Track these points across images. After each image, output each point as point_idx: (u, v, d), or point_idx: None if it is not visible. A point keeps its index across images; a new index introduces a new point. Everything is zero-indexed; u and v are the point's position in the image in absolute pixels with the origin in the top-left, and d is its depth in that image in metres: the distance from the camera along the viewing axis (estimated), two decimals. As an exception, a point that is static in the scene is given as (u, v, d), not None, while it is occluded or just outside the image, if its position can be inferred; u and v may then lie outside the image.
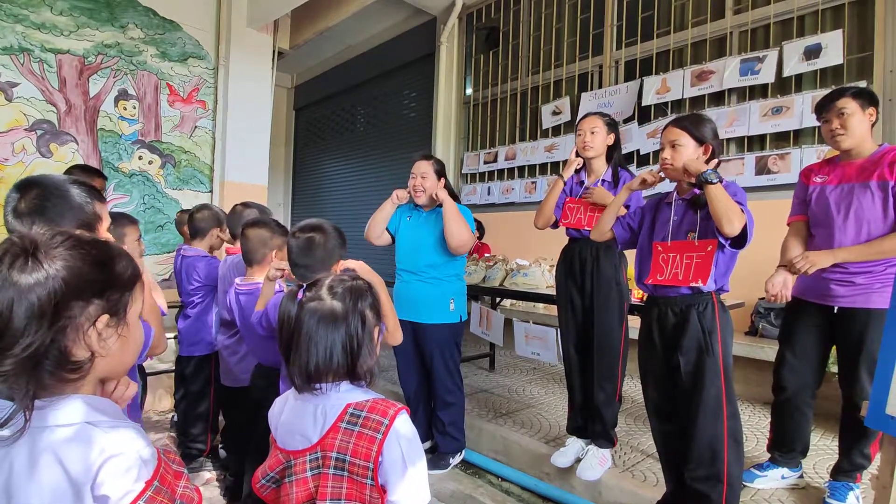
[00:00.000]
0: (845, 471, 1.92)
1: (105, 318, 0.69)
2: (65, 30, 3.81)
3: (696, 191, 1.67)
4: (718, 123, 2.97)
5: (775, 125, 3.27)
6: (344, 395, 1.05)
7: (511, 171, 4.96)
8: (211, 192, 4.55)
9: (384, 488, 1.01)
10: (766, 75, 3.31)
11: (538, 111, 4.75)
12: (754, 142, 3.43)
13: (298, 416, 1.06)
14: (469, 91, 5.47)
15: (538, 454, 2.42)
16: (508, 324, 3.16)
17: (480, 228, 4.65)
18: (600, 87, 4.31)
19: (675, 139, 1.72)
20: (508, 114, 5.07)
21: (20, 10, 3.63)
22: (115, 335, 0.71)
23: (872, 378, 1.33)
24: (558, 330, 2.45)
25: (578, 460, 2.24)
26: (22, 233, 0.67)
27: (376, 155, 6.63)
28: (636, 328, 1.95)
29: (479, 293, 3.50)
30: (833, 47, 3.06)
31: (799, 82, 3.26)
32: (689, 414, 1.68)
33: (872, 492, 1.43)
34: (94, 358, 0.69)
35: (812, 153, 3.10)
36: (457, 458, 2.58)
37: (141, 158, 4.21)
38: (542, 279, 3.23)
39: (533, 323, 2.96)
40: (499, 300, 3.66)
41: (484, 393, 3.29)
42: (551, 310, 3.16)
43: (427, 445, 2.61)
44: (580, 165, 2.29)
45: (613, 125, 2.25)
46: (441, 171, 2.54)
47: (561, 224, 2.32)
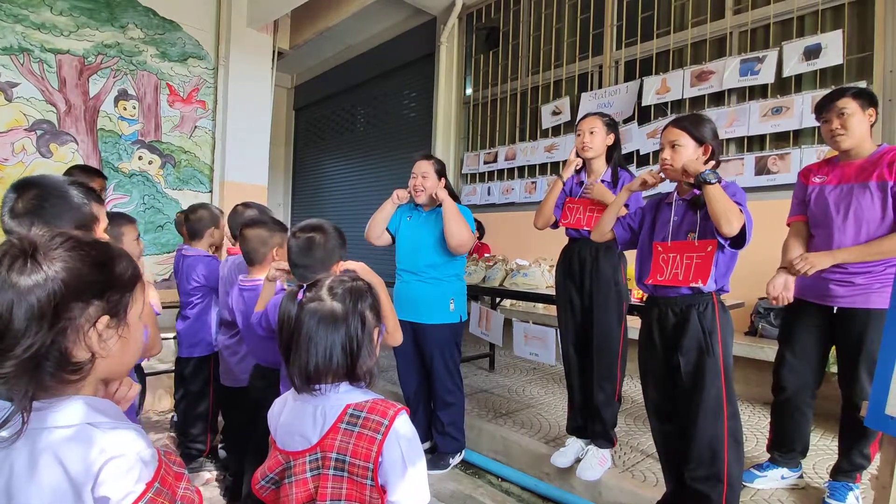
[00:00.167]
0: (845, 471, 1.93)
1: (105, 319, 0.69)
2: (65, 30, 3.81)
3: (696, 191, 1.67)
4: (718, 123, 2.97)
5: (775, 125, 3.27)
6: (343, 395, 1.05)
7: (511, 171, 4.96)
8: (211, 192, 4.55)
9: (384, 489, 1.01)
10: (766, 75, 3.31)
11: (538, 111, 4.75)
12: (754, 142, 3.43)
13: (298, 416, 1.06)
14: (469, 91, 5.47)
15: (538, 454, 2.42)
16: (508, 324, 3.16)
17: (480, 228, 4.65)
18: (600, 87, 4.30)
19: (675, 139, 1.72)
20: (508, 114, 5.07)
21: (20, 10, 3.63)
22: (115, 336, 0.71)
23: (872, 378, 1.33)
24: (558, 330, 2.45)
25: (578, 460, 2.24)
26: (21, 234, 0.67)
27: (376, 155, 6.62)
28: (636, 328, 1.95)
29: (478, 293, 3.50)
30: (833, 47, 3.06)
31: (799, 82, 3.26)
32: (690, 414, 1.68)
33: (872, 492, 1.43)
34: (95, 359, 0.69)
35: (812, 153, 3.10)
36: (457, 459, 2.58)
37: (141, 158, 4.21)
38: (542, 279, 3.23)
39: (532, 323, 2.96)
40: (499, 300, 3.66)
41: (484, 393, 3.29)
42: (551, 310, 3.16)
43: (427, 446, 2.61)
44: (580, 166, 2.29)
45: (613, 125, 2.25)
46: (441, 171, 2.55)
47: (561, 224, 2.32)
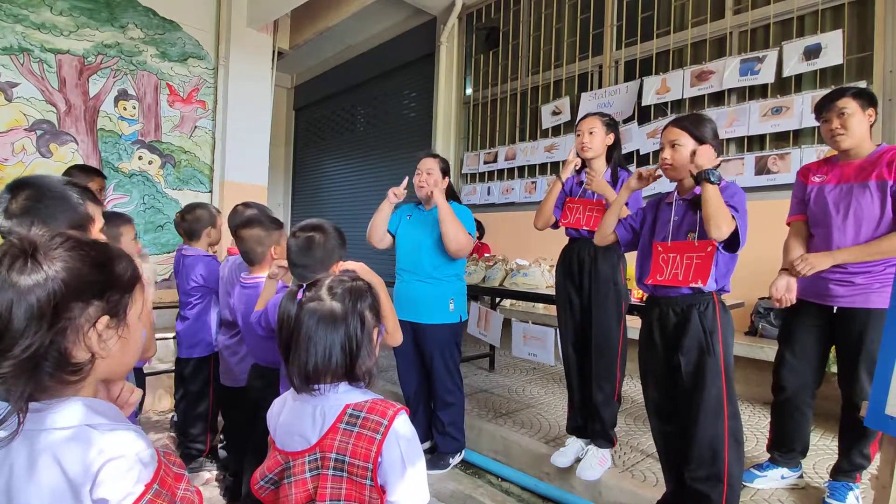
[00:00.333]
0: (845, 471, 1.93)
1: (105, 319, 0.69)
2: (65, 30, 3.81)
3: (697, 190, 1.67)
4: (718, 123, 2.95)
5: (775, 125, 3.27)
6: (343, 395, 1.05)
7: (511, 171, 4.96)
8: (211, 192, 4.55)
9: (383, 489, 1.01)
10: (766, 75, 3.31)
11: (538, 111, 4.74)
12: (754, 142, 3.43)
13: (297, 416, 1.06)
14: (469, 91, 5.47)
15: (538, 454, 2.42)
16: (507, 324, 3.16)
17: (480, 228, 4.64)
18: (600, 87, 4.30)
19: (675, 139, 1.72)
20: (508, 114, 5.07)
21: (20, 10, 3.62)
22: (115, 336, 0.71)
23: (872, 378, 1.33)
24: (557, 330, 2.45)
25: (578, 460, 2.24)
26: (21, 234, 0.67)
27: (376, 155, 6.62)
28: (636, 328, 1.95)
29: (478, 293, 3.50)
30: (833, 47, 3.06)
31: (799, 82, 3.26)
32: (690, 414, 1.68)
33: (872, 492, 1.43)
34: (94, 359, 0.69)
35: (812, 153, 3.10)
36: (457, 459, 2.58)
37: (141, 158, 4.21)
38: (542, 279, 3.23)
39: (532, 323, 2.96)
40: (498, 300, 3.66)
41: (484, 393, 3.29)
42: (551, 310, 3.15)
43: (427, 446, 2.62)
44: (578, 165, 2.29)
45: (613, 125, 2.25)
46: (446, 170, 2.58)
47: (561, 224, 2.32)
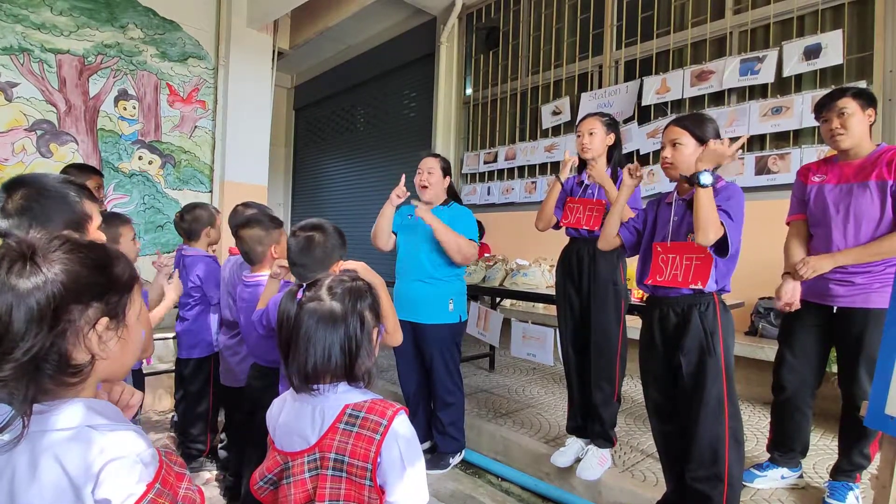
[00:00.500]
0: (845, 471, 1.93)
1: (105, 320, 0.69)
2: (65, 30, 3.81)
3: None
4: (718, 123, 2.96)
5: (775, 125, 3.27)
6: (342, 395, 1.05)
7: (511, 171, 4.96)
8: (211, 192, 4.56)
9: (383, 489, 1.01)
10: (766, 75, 3.30)
11: (538, 111, 4.74)
12: (754, 142, 3.43)
13: (297, 417, 1.06)
14: (469, 91, 5.47)
15: (538, 454, 2.42)
16: (507, 324, 3.16)
17: (480, 228, 4.64)
18: (600, 87, 4.30)
19: (676, 138, 1.72)
20: (508, 114, 5.06)
21: (20, 10, 3.63)
22: (114, 337, 0.71)
23: (872, 378, 1.33)
24: (557, 330, 2.45)
25: (578, 460, 2.24)
26: (20, 237, 0.67)
27: (376, 155, 6.62)
28: (636, 328, 1.95)
29: (478, 293, 3.50)
30: (833, 47, 3.05)
31: (799, 82, 3.25)
32: (691, 414, 1.68)
33: (872, 492, 1.43)
34: (94, 361, 0.69)
35: (812, 153, 3.09)
36: (457, 458, 2.58)
37: (141, 158, 4.22)
38: (542, 279, 3.23)
39: (532, 323, 2.96)
40: (498, 300, 3.66)
41: (484, 393, 3.29)
42: (551, 310, 3.15)
43: (427, 446, 2.62)
44: (576, 164, 2.29)
45: (613, 125, 2.25)
46: (447, 170, 2.58)
47: (561, 224, 2.32)
